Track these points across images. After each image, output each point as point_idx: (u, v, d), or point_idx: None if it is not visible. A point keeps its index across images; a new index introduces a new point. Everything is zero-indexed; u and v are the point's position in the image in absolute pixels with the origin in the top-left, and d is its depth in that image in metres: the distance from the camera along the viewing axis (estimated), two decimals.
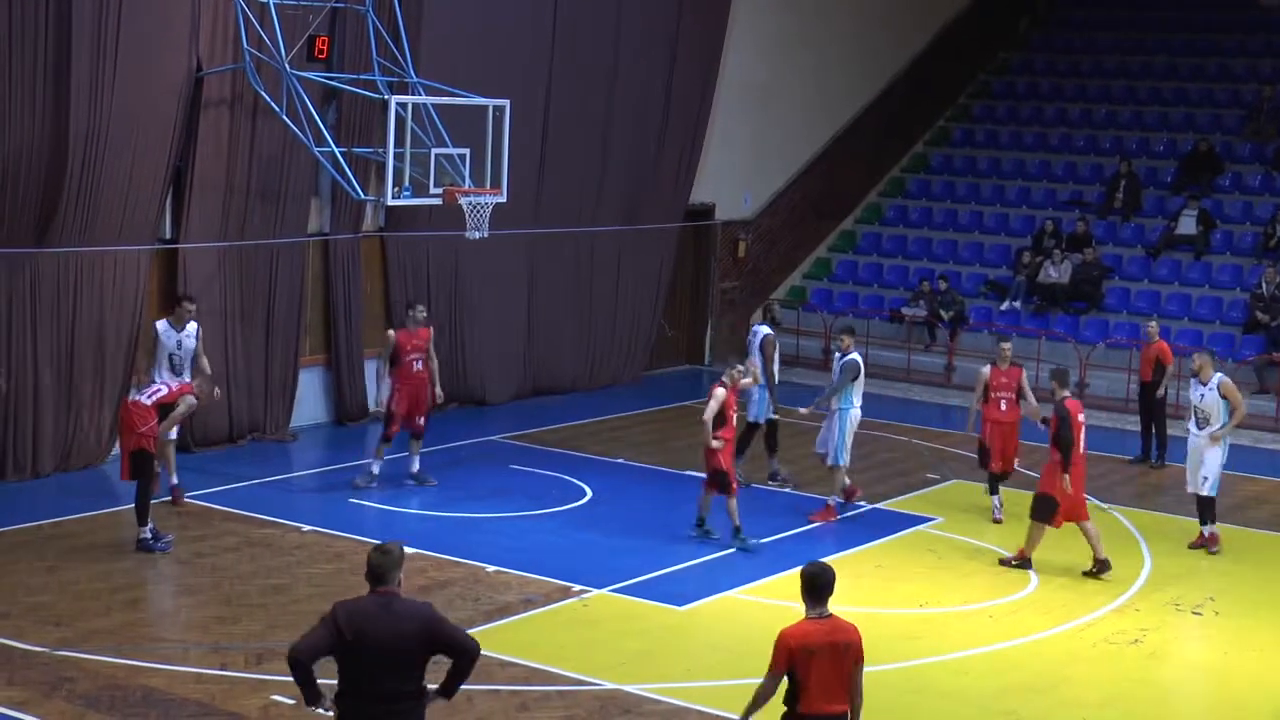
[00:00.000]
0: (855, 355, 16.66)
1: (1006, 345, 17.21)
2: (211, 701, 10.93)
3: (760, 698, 8.17)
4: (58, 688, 11.08)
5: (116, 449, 17.77)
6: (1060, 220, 27.29)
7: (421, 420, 16.94)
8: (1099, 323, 25.69)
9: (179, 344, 15.80)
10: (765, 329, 18.04)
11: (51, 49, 16.20)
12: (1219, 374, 16.19)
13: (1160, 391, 20.08)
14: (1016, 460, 17.26)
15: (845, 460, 16.57)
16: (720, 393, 15.23)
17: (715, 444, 15.09)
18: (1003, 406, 16.80)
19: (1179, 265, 26.45)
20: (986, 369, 17.00)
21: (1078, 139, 29.78)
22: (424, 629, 7.55)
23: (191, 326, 15.90)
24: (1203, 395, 16.10)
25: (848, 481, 16.86)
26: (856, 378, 16.56)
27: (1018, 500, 16.32)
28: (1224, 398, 16.01)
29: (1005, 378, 16.84)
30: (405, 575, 7.86)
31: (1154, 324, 20.68)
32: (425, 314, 17.26)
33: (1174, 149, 28.83)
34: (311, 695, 7.65)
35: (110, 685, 11.16)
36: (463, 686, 7.87)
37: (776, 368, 17.73)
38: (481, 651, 7.76)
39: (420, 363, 16.86)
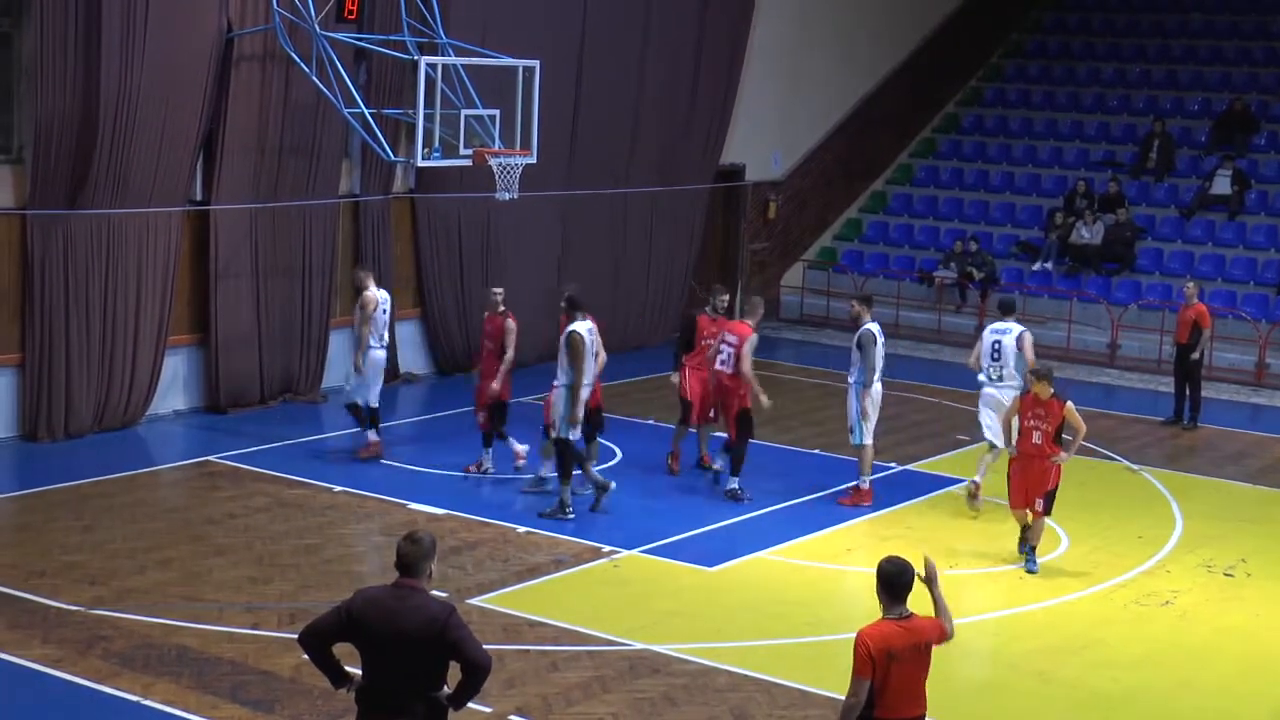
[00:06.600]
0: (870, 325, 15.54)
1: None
2: (244, 660, 11.01)
3: (850, 710, 7.56)
4: (92, 646, 11.18)
5: (152, 409, 17.98)
6: (1093, 180, 27.11)
7: (713, 413, 16.29)
8: (1131, 284, 25.54)
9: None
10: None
11: (82, 11, 16.23)
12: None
13: (1196, 354, 19.97)
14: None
15: (868, 439, 15.52)
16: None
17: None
18: (1035, 439, 13.95)
19: (1213, 225, 26.25)
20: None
21: (1111, 98, 29.55)
22: (428, 630, 7.15)
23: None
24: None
25: (867, 483, 15.71)
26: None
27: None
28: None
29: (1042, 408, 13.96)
30: (437, 536, 7.79)
31: (1192, 285, 20.50)
32: (726, 300, 16.57)
33: (1208, 108, 28.59)
34: (335, 677, 7.53)
35: (144, 644, 11.26)
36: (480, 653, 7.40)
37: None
38: (492, 663, 7.38)
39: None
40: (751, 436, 15.71)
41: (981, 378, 16.01)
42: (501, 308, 16.00)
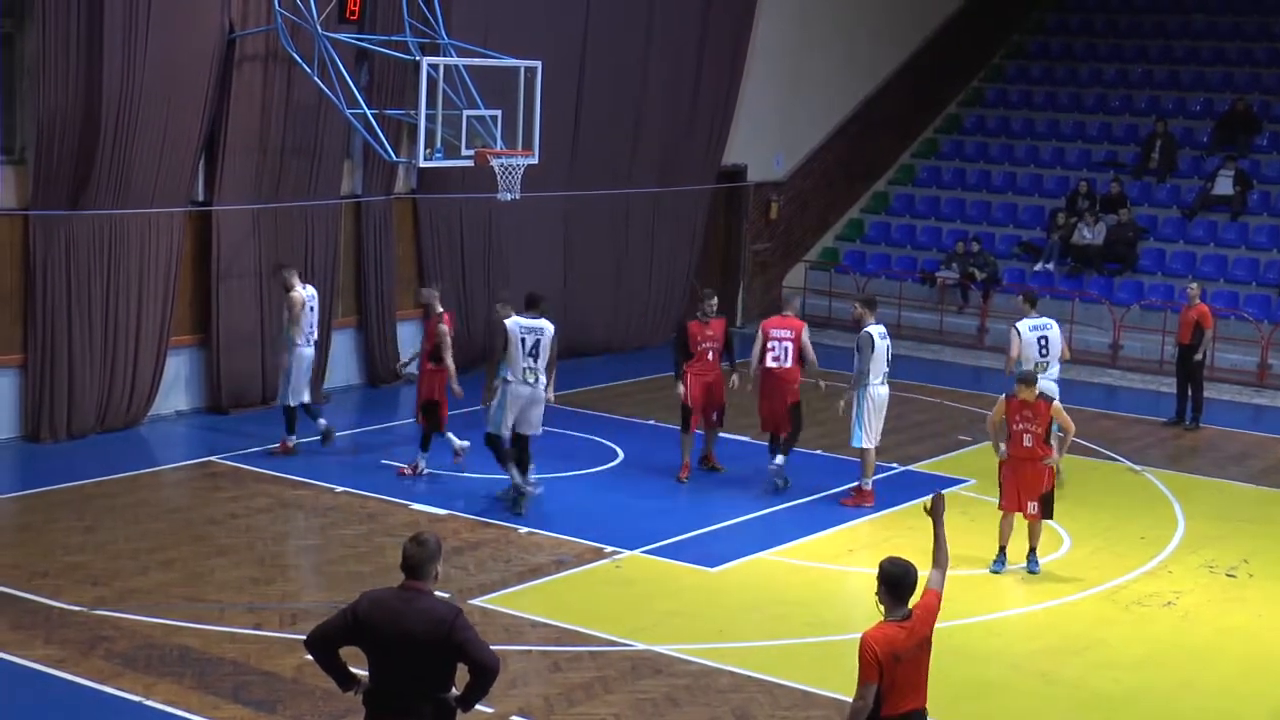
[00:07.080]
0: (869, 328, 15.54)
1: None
2: (246, 661, 11.02)
3: (858, 714, 7.59)
4: (95, 646, 11.19)
5: (154, 409, 17.98)
6: (1094, 181, 27.09)
7: (716, 415, 16.52)
8: (1133, 284, 25.54)
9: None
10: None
11: (84, 11, 16.24)
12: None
13: (1199, 355, 19.96)
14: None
15: (867, 442, 15.50)
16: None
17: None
18: (1025, 442, 13.72)
19: (1215, 226, 26.24)
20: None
21: (1113, 99, 29.54)
22: (434, 633, 7.15)
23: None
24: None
25: (869, 485, 15.84)
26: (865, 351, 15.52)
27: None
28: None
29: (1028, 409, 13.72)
30: (439, 536, 7.78)
31: (1195, 286, 20.48)
32: (715, 305, 16.50)
33: (1210, 108, 28.58)
34: (342, 680, 7.53)
35: (146, 644, 11.26)
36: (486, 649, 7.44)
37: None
38: (500, 664, 7.38)
39: (713, 353, 16.28)
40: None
41: None
42: (439, 309, 16.05)
